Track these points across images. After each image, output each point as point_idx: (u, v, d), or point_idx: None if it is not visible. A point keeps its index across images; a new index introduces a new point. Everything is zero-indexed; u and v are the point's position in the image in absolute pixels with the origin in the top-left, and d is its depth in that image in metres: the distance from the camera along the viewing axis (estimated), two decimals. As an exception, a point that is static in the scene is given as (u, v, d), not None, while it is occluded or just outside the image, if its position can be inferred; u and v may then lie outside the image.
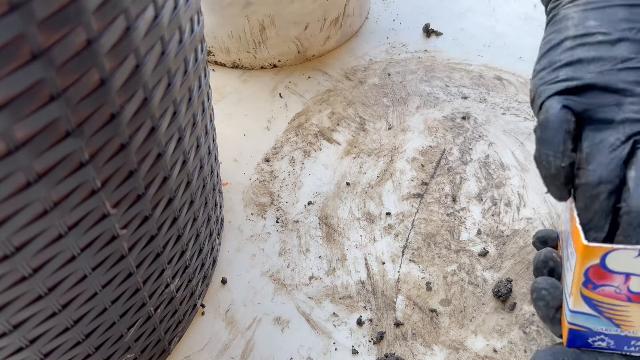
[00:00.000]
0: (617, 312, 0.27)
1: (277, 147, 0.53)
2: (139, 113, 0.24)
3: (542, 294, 0.31)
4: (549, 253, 0.33)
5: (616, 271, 0.26)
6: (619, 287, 0.26)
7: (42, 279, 0.24)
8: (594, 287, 0.27)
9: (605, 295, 0.27)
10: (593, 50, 0.29)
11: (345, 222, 0.47)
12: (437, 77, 0.59)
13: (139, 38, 0.22)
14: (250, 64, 0.61)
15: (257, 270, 0.44)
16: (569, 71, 0.29)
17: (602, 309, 0.27)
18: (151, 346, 0.36)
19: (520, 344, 0.39)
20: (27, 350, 0.26)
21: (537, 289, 0.31)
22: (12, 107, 0.18)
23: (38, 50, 0.18)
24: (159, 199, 0.29)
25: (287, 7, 0.55)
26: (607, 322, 0.28)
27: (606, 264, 0.26)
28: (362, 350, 0.39)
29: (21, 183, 0.20)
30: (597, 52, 0.28)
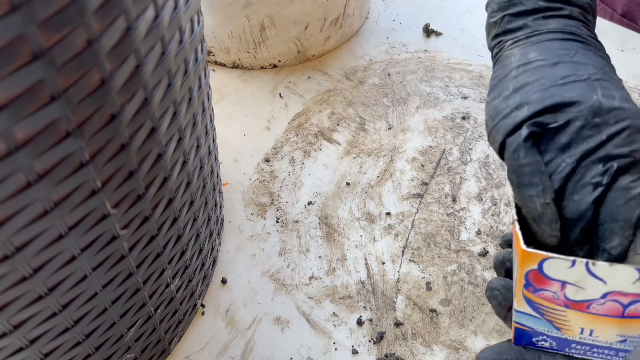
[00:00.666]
0: (556, 316, 0.29)
1: (277, 147, 0.53)
2: (139, 113, 0.24)
3: (494, 293, 0.32)
4: (507, 254, 0.34)
5: (553, 278, 0.27)
6: (557, 293, 0.28)
7: (42, 279, 0.24)
8: (535, 291, 0.28)
9: (544, 299, 0.28)
10: (534, 74, 0.32)
11: (345, 222, 0.47)
12: (437, 77, 0.59)
13: (140, 38, 0.22)
14: (250, 64, 0.61)
15: (257, 270, 0.44)
16: (517, 97, 0.31)
17: (543, 311, 0.29)
18: (151, 346, 0.36)
19: (520, 344, 0.39)
20: (28, 350, 0.26)
21: (490, 289, 0.33)
22: (12, 107, 0.18)
23: (39, 50, 0.18)
24: (159, 199, 0.29)
25: (287, 7, 0.55)
26: (548, 324, 0.29)
27: (543, 270, 0.27)
28: (362, 350, 0.39)
29: (21, 183, 0.20)
30: (538, 75, 0.32)
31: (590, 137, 0.29)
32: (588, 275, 0.26)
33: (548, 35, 0.33)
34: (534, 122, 0.30)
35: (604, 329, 0.28)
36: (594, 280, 0.27)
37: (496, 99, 0.33)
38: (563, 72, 0.31)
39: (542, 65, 0.32)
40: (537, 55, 0.33)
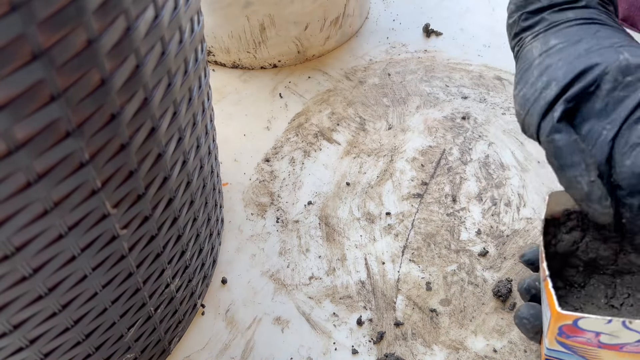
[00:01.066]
0: (589, 353, 0.29)
1: (277, 147, 0.53)
2: (139, 113, 0.24)
3: (523, 322, 0.33)
4: (531, 282, 0.35)
5: (588, 330, 0.28)
6: (591, 339, 0.28)
7: (42, 279, 0.24)
8: (568, 337, 0.29)
9: (578, 343, 0.29)
10: (557, 55, 0.31)
11: (345, 222, 0.47)
12: (437, 77, 0.59)
13: (139, 38, 0.22)
14: (250, 64, 0.61)
15: (257, 270, 0.44)
16: (544, 78, 0.30)
17: (576, 350, 0.29)
18: (151, 346, 0.36)
19: (520, 344, 0.39)
20: (27, 350, 0.26)
21: (519, 317, 0.33)
22: (12, 107, 0.18)
23: (38, 50, 0.18)
24: (159, 199, 0.29)
25: (287, 7, 0.55)
26: (580, 359, 0.30)
27: (578, 325, 0.28)
28: (362, 350, 0.39)
29: (21, 183, 0.20)
30: (561, 54, 0.31)
31: (626, 97, 0.28)
32: (624, 328, 0.27)
33: (567, 24, 0.32)
34: (566, 98, 0.29)
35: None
36: (629, 332, 0.27)
37: (523, 88, 0.32)
38: (586, 46, 0.30)
39: (564, 47, 0.31)
40: (558, 41, 0.31)
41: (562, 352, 0.30)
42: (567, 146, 0.29)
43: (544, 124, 0.30)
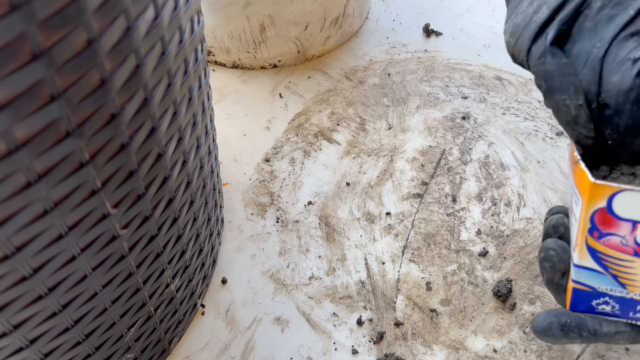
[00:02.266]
0: (623, 268, 0.26)
1: (277, 147, 0.53)
2: (139, 113, 0.24)
3: (550, 254, 0.30)
4: (559, 219, 0.32)
5: (623, 217, 0.24)
6: (626, 237, 0.25)
7: (42, 279, 0.24)
8: (600, 236, 0.25)
9: (611, 247, 0.25)
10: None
11: (345, 222, 0.47)
12: (437, 77, 0.59)
13: (139, 38, 0.22)
14: (250, 64, 0.61)
15: (257, 270, 0.44)
16: (535, 3, 0.30)
17: (608, 264, 0.26)
18: (151, 346, 0.36)
19: (520, 344, 0.39)
20: (27, 350, 0.26)
21: (545, 249, 0.31)
22: (12, 107, 0.18)
23: (38, 50, 0.18)
24: (159, 199, 0.29)
25: (287, 7, 0.55)
26: (613, 280, 0.26)
27: (613, 208, 0.24)
28: (362, 350, 0.39)
29: (21, 183, 0.20)
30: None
31: (616, 15, 0.27)
32: None
33: None
34: (559, 19, 0.28)
35: None
36: None
37: (514, 18, 0.31)
38: None
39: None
40: None
41: (591, 272, 0.26)
42: (558, 69, 0.28)
43: (534, 48, 0.29)
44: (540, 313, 0.30)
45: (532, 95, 0.57)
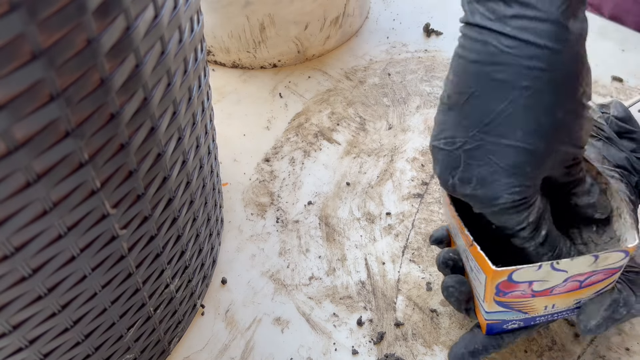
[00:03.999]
0: (524, 304, 0.32)
1: (277, 147, 0.53)
2: (138, 113, 0.24)
3: (450, 291, 0.35)
4: (446, 254, 0.37)
5: (522, 281, 0.30)
6: (525, 290, 0.31)
7: (41, 279, 0.24)
8: (504, 294, 0.31)
9: (514, 297, 0.31)
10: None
11: (345, 222, 0.47)
12: (437, 77, 0.59)
13: (139, 38, 0.22)
14: (250, 64, 0.61)
15: (257, 270, 0.44)
16: None
17: (513, 306, 0.32)
18: (151, 346, 0.36)
19: (520, 344, 0.39)
20: (27, 350, 0.26)
21: (445, 288, 0.35)
22: (12, 107, 0.18)
23: (38, 50, 0.18)
24: (159, 199, 0.29)
25: (286, 7, 0.55)
26: (517, 312, 0.33)
27: (512, 278, 0.30)
28: (362, 350, 0.39)
29: (21, 183, 0.20)
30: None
31: None
32: (552, 271, 0.30)
33: None
34: None
35: (563, 301, 0.33)
36: (557, 273, 0.30)
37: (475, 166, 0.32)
38: None
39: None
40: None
41: (500, 312, 0.33)
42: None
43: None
44: (452, 347, 0.36)
45: (533, 95, 0.56)
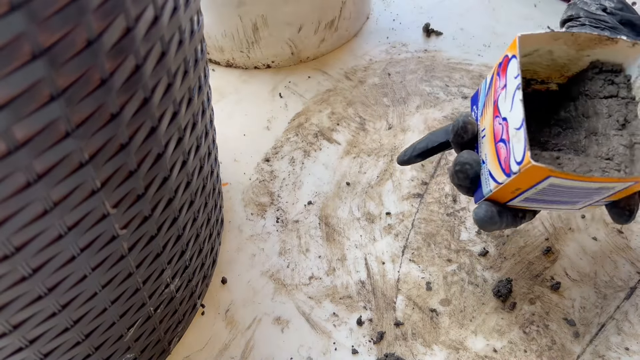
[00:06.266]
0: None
1: (277, 147, 0.53)
2: (139, 113, 0.24)
3: (465, 167, 0.35)
4: (466, 118, 0.36)
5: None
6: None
7: (42, 279, 0.24)
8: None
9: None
10: None
11: (345, 222, 0.47)
12: (437, 77, 0.59)
13: (139, 38, 0.22)
14: (244, 64, 0.60)
15: (257, 270, 0.44)
16: None
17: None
18: (151, 346, 0.36)
19: (520, 344, 0.39)
20: (27, 350, 0.26)
21: (461, 163, 0.35)
22: (12, 107, 0.18)
23: (38, 50, 0.18)
24: (159, 199, 0.29)
25: (280, 8, 0.55)
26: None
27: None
28: (362, 350, 0.39)
29: (21, 183, 0.20)
30: None
31: None
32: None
33: None
34: None
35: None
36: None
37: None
38: None
39: None
40: None
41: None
42: None
43: None
44: (476, 209, 0.35)
45: (532, 95, 0.56)
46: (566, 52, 0.35)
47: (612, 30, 0.37)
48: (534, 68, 0.37)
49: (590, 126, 0.35)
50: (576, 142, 0.36)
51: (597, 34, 0.33)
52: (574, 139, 0.36)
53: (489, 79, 0.36)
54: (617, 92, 0.35)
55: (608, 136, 0.34)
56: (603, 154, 0.34)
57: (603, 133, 0.34)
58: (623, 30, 0.37)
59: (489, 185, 0.34)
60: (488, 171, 0.34)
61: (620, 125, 0.34)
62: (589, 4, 0.38)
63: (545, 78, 0.38)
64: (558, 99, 0.38)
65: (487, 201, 0.35)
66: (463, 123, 0.36)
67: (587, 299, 0.41)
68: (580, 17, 0.38)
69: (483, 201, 0.35)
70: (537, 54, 0.35)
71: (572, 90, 0.37)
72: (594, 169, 0.33)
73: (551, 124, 0.38)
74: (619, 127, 0.34)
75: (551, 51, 0.35)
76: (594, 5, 0.38)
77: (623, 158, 0.33)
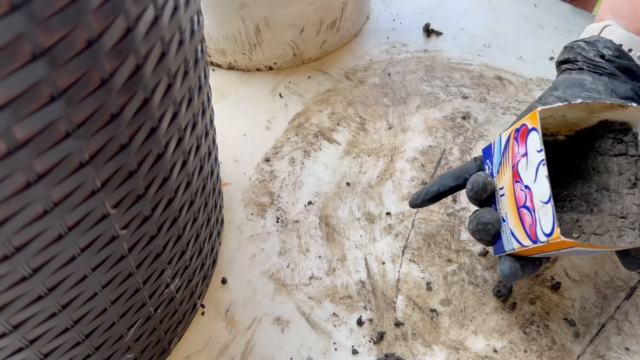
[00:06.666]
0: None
1: (277, 147, 0.53)
2: (139, 113, 0.24)
3: (487, 227, 0.37)
4: (485, 179, 0.38)
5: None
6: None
7: (42, 279, 0.24)
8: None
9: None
10: None
11: (345, 222, 0.47)
12: (437, 77, 0.59)
13: (139, 38, 0.22)
14: (245, 66, 0.60)
15: (257, 270, 0.44)
16: None
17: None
18: (151, 346, 0.36)
19: (520, 344, 0.39)
20: (27, 350, 0.26)
21: (483, 223, 0.37)
22: (12, 107, 0.18)
23: (38, 50, 0.18)
24: (159, 200, 0.29)
25: (282, 10, 0.55)
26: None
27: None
28: (362, 350, 0.39)
29: (21, 183, 0.20)
30: None
31: None
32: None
33: None
34: None
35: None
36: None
37: None
38: None
39: None
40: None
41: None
42: None
43: None
44: (501, 264, 0.37)
45: (533, 95, 0.56)
46: (578, 115, 0.37)
47: (611, 77, 0.38)
48: (545, 126, 0.38)
49: (602, 181, 0.37)
50: (587, 195, 0.38)
51: (609, 102, 0.35)
52: (585, 190, 0.38)
53: (504, 139, 0.37)
54: (626, 150, 0.36)
55: (621, 194, 0.36)
56: (617, 212, 0.35)
57: (616, 190, 0.36)
58: (621, 77, 0.39)
59: (511, 244, 0.36)
60: (510, 230, 0.36)
61: (632, 184, 0.36)
62: (586, 50, 0.40)
63: (555, 132, 0.39)
64: (566, 149, 0.39)
65: (509, 256, 0.36)
66: (483, 184, 0.38)
67: (587, 299, 0.41)
68: (578, 62, 0.40)
69: (506, 256, 0.36)
70: (552, 118, 0.37)
71: (581, 144, 0.38)
72: (610, 228, 0.34)
73: (560, 173, 0.39)
74: (630, 186, 0.36)
75: (564, 115, 0.37)
76: (592, 51, 0.40)
77: (637, 217, 0.34)
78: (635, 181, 0.36)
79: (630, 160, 0.36)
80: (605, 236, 0.34)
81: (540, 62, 0.60)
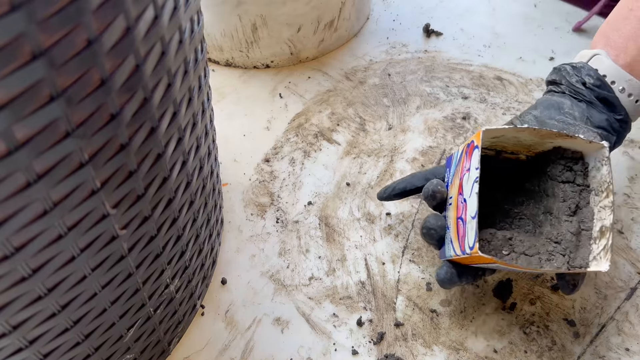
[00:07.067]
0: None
1: (277, 147, 0.53)
2: (138, 113, 0.24)
3: (431, 232, 0.39)
4: (436, 187, 0.39)
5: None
6: None
7: (41, 279, 0.24)
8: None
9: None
10: None
11: (345, 222, 0.47)
12: (437, 77, 0.59)
13: (139, 38, 0.22)
14: (243, 63, 0.60)
15: (257, 271, 0.44)
16: None
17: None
18: (151, 347, 0.36)
19: (520, 345, 0.39)
20: (27, 350, 0.26)
21: (427, 227, 0.39)
22: (12, 107, 0.18)
23: (38, 50, 0.18)
24: (159, 200, 0.29)
25: (279, 8, 0.55)
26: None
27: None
28: (362, 350, 0.39)
29: (21, 183, 0.20)
30: None
31: None
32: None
33: None
34: None
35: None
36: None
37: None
38: None
39: None
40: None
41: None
42: None
43: None
44: (439, 269, 0.38)
45: (533, 96, 0.56)
46: (531, 138, 0.38)
47: (589, 105, 0.40)
48: (503, 144, 0.40)
49: (548, 205, 0.38)
50: (535, 216, 0.39)
51: (556, 131, 0.36)
52: (534, 211, 0.39)
53: (461, 150, 0.39)
54: (574, 178, 0.37)
55: (560, 220, 0.37)
56: (553, 237, 0.36)
57: (556, 216, 0.37)
58: (599, 106, 0.40)
59: (450, 251, 0.37)
60: (450, 239, 0.37)
61: (572, 212, 0.37)
62: (571, 74, 0.41)
63: (515, 151, 0.41)
64: (526, 169, 0.41)
65: (449, 262, 0.38)
66: (432, 192, 0.39)
67: (588, 299, 0.41)
68: (562, 85, 0.41)
69: (445, 262, 0.38)
70: (505, 138, 0.38)
71: (537, 166, 0.40)
72: (542, 251, 0.36)
73: (518, 192, 0.41)
74: (570, 214, 0.37)
75: (516, 137, 0.38)
76: (575, 77, 0.41)
77: (569, 244, 0.36)
78: (576, 209, 0.37)
79: (575, 188, 0.37)
80: (534, 257, 0.35)
81: (540, 62, 0.60)
